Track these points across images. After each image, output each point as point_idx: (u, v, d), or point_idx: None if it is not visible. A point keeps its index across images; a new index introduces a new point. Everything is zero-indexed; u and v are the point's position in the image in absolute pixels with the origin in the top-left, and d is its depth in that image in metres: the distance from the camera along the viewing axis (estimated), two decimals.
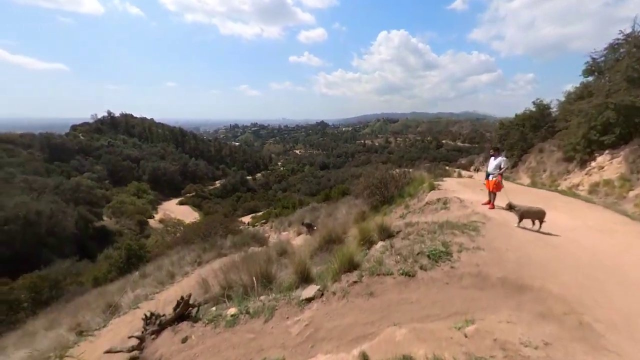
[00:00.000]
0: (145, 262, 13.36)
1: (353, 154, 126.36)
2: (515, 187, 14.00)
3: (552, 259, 2.94)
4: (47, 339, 5.25)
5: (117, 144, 63.49)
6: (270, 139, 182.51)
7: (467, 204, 7.13)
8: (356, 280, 2.92)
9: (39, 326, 7.33)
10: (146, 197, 48.51)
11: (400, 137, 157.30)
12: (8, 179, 30.44)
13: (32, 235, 22.34)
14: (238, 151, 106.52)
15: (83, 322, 5.62)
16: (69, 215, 26.80)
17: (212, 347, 2.79)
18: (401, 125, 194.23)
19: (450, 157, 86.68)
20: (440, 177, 16.17)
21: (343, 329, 2.35)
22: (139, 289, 7.91)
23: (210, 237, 14.15)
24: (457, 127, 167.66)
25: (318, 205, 23.96)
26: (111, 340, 4.37)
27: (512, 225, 4.63)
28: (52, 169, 42.83)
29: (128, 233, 32.41)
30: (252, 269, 4.47)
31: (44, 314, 9.59)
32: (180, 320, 3.43)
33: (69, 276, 15.58)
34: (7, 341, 7.28)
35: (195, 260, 10.34)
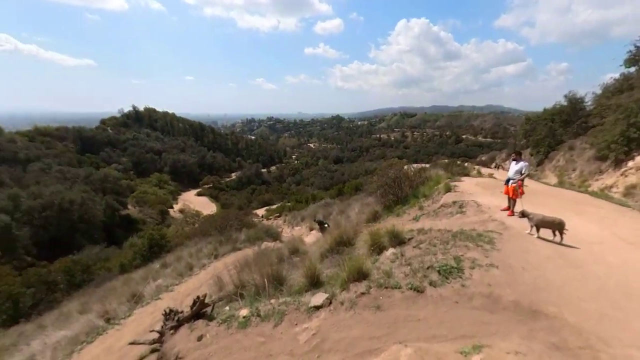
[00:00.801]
0: (166, 251, 14.10)
1: (368, 149, 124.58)
2: (540, 188, 13.26)
3: (571, 281, 2.79)
4: (79, 323, 5.77)
5: (141, 137, 66.58)
6: (285, 133, 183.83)
7: (484, 209, 6.88)
8: (364, 292, 2.95)
9: (73, 308, 8.03)
10: (167, 188, 50.83)
11: (418, 132, 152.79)
12: (45, 170, 32.98)
13: (66, 222, 24.22)
14: (254, 144, 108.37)
15: (110, 309, 6.10)
16: (97, 203, 28.71)
17: (225, 348, 2.95)
18: (419, 119, 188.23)
19: (470, 153, 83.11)
20: (458, 175, 15.63)
21: (349, 341, 2.39)
22: (160, 279, 8.42)
23: (226, 230, 14.68)
24: (479, 121, 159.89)
25: (331, 201, 24.03)
26: (135, 330, 4.73)
27: (531, 236, 4.42)
28: (83, 160, 45.81)
29: (150, 222, 34.28)
30: (263, 270, 4.62)
31: (77, 296, 10.46)
32: (196, 318, 3.64)
33: (99, 261, 16.82)
34: (46, 320, 8.05)
35: (212, 253, 10.79)
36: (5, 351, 5.95)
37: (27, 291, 12.04)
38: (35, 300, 11.82)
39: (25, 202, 22.66)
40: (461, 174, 17.74)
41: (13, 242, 19.73)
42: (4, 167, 30.59)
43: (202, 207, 44.10)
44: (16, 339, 6.81)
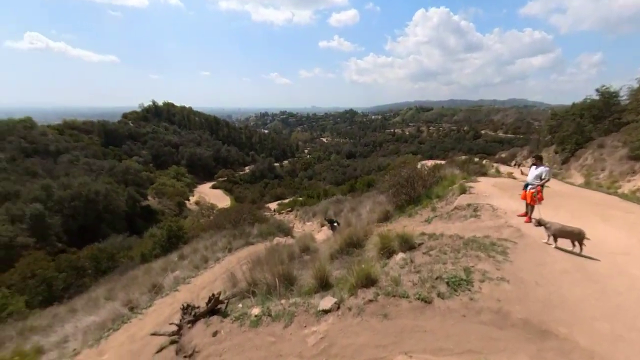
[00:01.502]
0: (183, 242, 14.74)
1: (381, 143, 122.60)
2: (564, 189, 12.63)
3: (588, 298, 2.69)
4: (106, 309, 6.24)
5: (160, 131, 69.01)
6: (298, 127, 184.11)
7: (500, 214, 6.68)
8: (372, 299, 3.00)
9: (100, 294, 8.65)
10: (184, 180, 52.70)
11: (434, 127, 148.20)
12: (73, 161, 35.06)
13: (92, 212, 25.80)
14: (267, 139, 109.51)
15: (133, 299, 6.54)
16: (120, 195, 30.30)
17: (238, 345, 3.12)
18: (435, 113, 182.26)
19: (488, 149, 79.70)
20: (474, 175, 15.14)
21: (356, 348, 2.47)
22: (178, 271, 8.87)
23: (240, 224, 15.11)
24: (500, 115, 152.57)
25: (342, 198, 24.04)
26: (156, 320, 5.07)
27: (547, 246, 4.27)
28: (107, 152, 48.22)
29: (169, 213, 35.81)
30: (274, 269, 4.78)
31: (103, 282, 11.22)
32: (211, 313, 3.85)
33: (122, 250, 17.87)
34: (77, 304, 8.73)
35: (226, 247, 11.18)
36: (43, 331, 6.55)
37: (59, 275, 13.04)
38: (66, 284, 12.78)
39: (56, 193, 24.30)
40: (478, 173, 17.13)
41: (46, 229, 21.32)
42: (38, 159, 32.83)
43: (217, 199, 45.43)
44: (51, 321, 7.47)
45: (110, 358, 4.16)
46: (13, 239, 18.17)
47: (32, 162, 31.48)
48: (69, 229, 23.68)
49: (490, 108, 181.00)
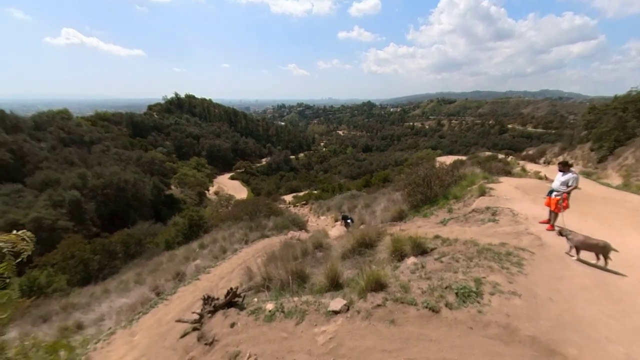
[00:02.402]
0: (203, 231, 15.54)
1: (399, 137, 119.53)
2: (597, 191, 11.78)
3: (605, 318, 2.60)
4: (135, 293, 6.86)
5: (182, 123, 71.72)
6: (314, 119, 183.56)
7: (520, 219, 6.45)
8: (380, 304, 3.10)
9: (130, 278, 9.45)
10: (204, 171, 54.77)
11: (456, 120, 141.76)
12: (105, 151, 37.54)
13: (122, 199, 27.70)
14: (283, 131, 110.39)
15: (160, 285, 7.11)
16: (147, 184, 32.17)
17: (253, 338, 3.37)
18: (458, 106, 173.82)
19: (515, 145, 75.12)
20: (496, 174, 14.52)
21: (362, 351, 2.60)
22: (199, 260, 9.46)
23: (256, 216, 15.63)
24: (531, 108, 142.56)
25: (357, 193, 23.98)
26: (179, 306, 5.53)
27: (568, 258, 4.10)
28: (135, 143, 51.02)
29: (190, 202, 37.61)
30: (288, 265, 5.00)
31: (132, 266, 12.19)
32: (229, 306, 4.15)
33: (148, 236, 19.15)
34: (110, 285, 9.60)
35: (243, 239, 11.68)
36: (82, 309, 7.33)
37: (94, 257, 14.28)
38: (101, 266, 13.98)
39: (91, 181, 26.29)
40: (501, 172, 16.37)
41: (83, 214, 23.26)
42: (74, 149, 35.49)
43: (235, 190, 46.95)
44: (89, 299, 8.30)
45: (141, 339, 4.62)
46: (55, 223, 20.06)
47: (70, 151, 34.11)
48: (102, 215, 25.66)
49: (519, 100, 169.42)
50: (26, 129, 35.21)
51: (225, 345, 3.43)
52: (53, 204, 21.72)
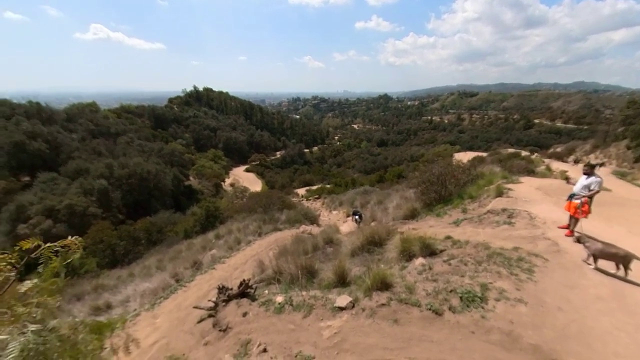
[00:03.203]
0: (219, 222, 16.17)
1: (416, 132, 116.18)
2: (630, 194, 11.03)
3: (616, 331, 2.53)
4: (157, 279, 7.38)
5: (200, 115, 73.74)
6: (329, 113, 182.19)
7: (538, 223, 6.23)
8: (385, 303, 3.20)
9: (152, 264, 10.11)
10: (220, 163, 56.33)
11: (478, 114, 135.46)
12: (129, 143, 39.53)
13: (144, 189, 29.25)
14: (298, 124, 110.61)
15: (179, 272, 7.59)
16: (167, 174, 33.67)
17: (264, 327, 3.59)
18: (481, 99, 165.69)
19: (542, 142, 70.76)
20: (517, 174, 13.93)
21: (365, 347, 2.73)
22: (215, 250, 9.93)
23: (269, 209, 16.02)
24: (561, 102, 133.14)
25: (370, 189, 23.82)
26: (197, 293, 5.91)
27: (586, 266, 3.96)
28: (156, 135, 53.25)
29: (207, 193, 39.02)
30: (298, 260, 5.19)
31: (154, 252, 12.98)
32: (242, 296, 4.42)
33: (168, 225, 20.21)
34: (134, 269, 10.33)
35: (256, 231, 12.07)
36: (110, 290, 7.99)
37: (120, 243, 15.33)
38: (126, 251, 14.99)
39: (117, 171, 27.92)
40: (523, 171, 15.64)
41: (110, 202, 24.86)
42: (102, 140, 37.65)
43: (250, 183, 48.03)
44: (116, 281, 9.01)
45: (162, 322, 5.03)
46: (86, 209, 21.63)
47: (98, 142, 36.26)
48: (127, 203, 27.28)
49: (549, 93, 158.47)
50: (59, 120, 37.73)
51: (237, 333, 3.69)
52: (84, 192, 23.37)
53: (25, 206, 19.76)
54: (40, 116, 34.94)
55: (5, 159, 26.57)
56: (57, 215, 20.07)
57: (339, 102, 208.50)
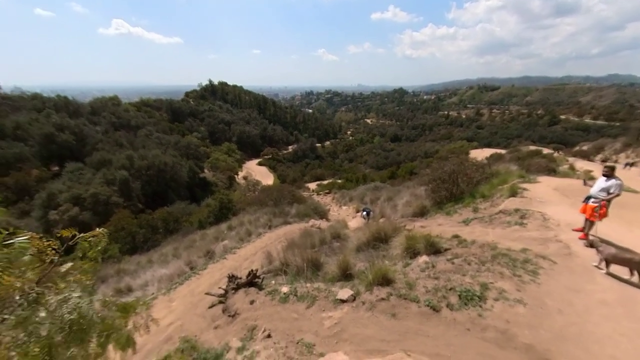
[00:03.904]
0: (232, 213, 16.69)
1: (431, 127, 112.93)
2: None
3: (617, 337, 2.49)
4: (173, 266, 7.84)
5: (215, 109, 75.19)
6: (342, 107, 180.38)
7: (551, 225, 6.06)
8: (384, 298, 3.30)
9: (169, 252, 10.68)
10: (234, 156, 57.52)
11: (498, 109, 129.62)
12: (148, 136, 41.12)
13: (162, 180, 30.50)
14: (310, 119, 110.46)
15: (193, 260, 8.02)
16: (183, 167, 34.87)
17: (269, 315, 3.80)
18: (502, 93, 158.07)
19: (567, 139, 66.76)
20: (536, 173, 13.42)
21: (363, 338, 2.86)
22: (227, 241, 10.34)
23: (280, 202, 16.34)
24: (592, 96, 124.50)
25: (381, 185, 23.67)
26: (209, 281, 6.26)
27: (596, 271, 3.86)
28: (173, 128, 54.97)
29: (221, 185, 40.12)
30: (304, 253, 5.37)
31: (171, 241, 13.65)
32: (250, 285, 4.66)
33: (184, 215, 21.07)
34: (152, 256, 10.96)
35: (267, 224, 12.40)
36: (131, 274, 8.56)
37: (140, 231, 16.20)
38: (145, 238, 15.84)
39: (136, 162, 29.23)
40: (543, 170, 15.02)
41: (130, 192, 26.18)
42: (123, 132, 39.39)
43: (262, 176, 48.83)
44: (136, 267, 9.63)
45: (177, 305, 5.39)
46: (109, 198, 22.92)
47: (119, 134, 37.99)
48: (146, 193, 28.62)
49: (578, 87, 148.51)
50: (85, 113, 39.76)
51: (245, 319, 3.93)
52: (107, 182, 24.72)
53: (55, 194, 21.23)
54: (67, 109, 36.98)
55: (37, 149, 28.49)
56: (84, 203, 21.42)
57: (353, 96, 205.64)
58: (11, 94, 41.00)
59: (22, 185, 23.85)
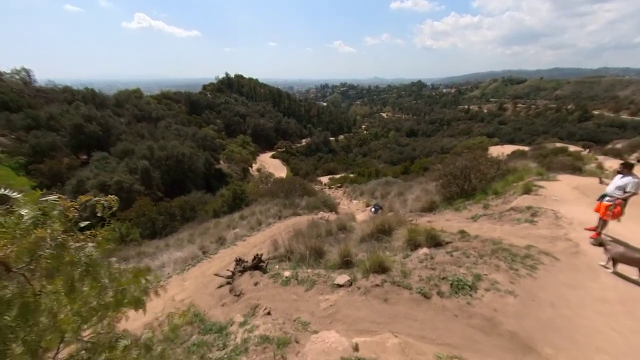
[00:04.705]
0: (245, 204, 17.25)
1: (450, 122, 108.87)
2: None
3: (609, 332, 2.47)
4: (188, 249, 8.35)
5: (231, 102, 76.55)
6: (357, 100, 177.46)
7: (563, 223, 5.89)
8: (378, 284, 3.44)
9: (184, 237, 11.32)
10: (248, 149, 58.63)
11: (523, 103, 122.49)
12: (167, 127, 42.75)
13: (180, 170, 31.82)
14: (324, 112, 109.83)
15: (206, 245, 8.49)
16: (200, 158, 36.12)
17: (271, 296, 4.06)
18: (529, 86, 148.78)
19: (599, 136, 62.28)
20: (559, 170, 12.83)
21: (354, 319, 3.02)
22: (238, 229, 10.80)
23: (291, 195, 16.67)
24: (631, 90, 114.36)
25: (393, 180, 23.41)
26: (219, 264, 6.65)
27: (601, 270, 3.77)
28: (191, 120, 56.70)
29: (235, 176, 41.23)
30: (308, 242, 5.57)
31: (186, 228, 14.38)
32: (255, 268, 4.95)
33: (200, 204, 22.00)
34: (170, 241, 11.66)
35: (277, 214, 12.75)
36: (150, 256, 9.21)
37: (159, 217, 17.16)
38: (164, 225, 16.76)
39: (157, 152, 30.63)
40: (567, 168, 14.30)
41: (151, 180, 27.58)
42: (144, 124, 41.21)
43: (275, 169, 49.59)
44: (155, 250, 10.31)
45: (190, 285, 5.81)
46: (132, 186, 24.33)
47: (141, 126, 39.82)
48: (165, 182, 30.05)
49: (615, 79, 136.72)
50: (110, 105, 41.90)
51: (248, 298, 4.21)
52: (130, 171, 26.17)
53: (84, 180, 22.82)
54: (94, 101, 39.13)
55: (67, 139, 30.54)
56: (109, 190, 22.86)
57: (369, 89, 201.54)
58: (45, 87, 43.93)
59: (55, 172, 25.80)
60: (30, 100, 35.99)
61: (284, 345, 2.61)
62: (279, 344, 2.63)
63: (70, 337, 1.40)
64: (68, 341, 1.44)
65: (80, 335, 1.44)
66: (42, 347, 1.22)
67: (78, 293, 1.05)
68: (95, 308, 1.45)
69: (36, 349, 1.14)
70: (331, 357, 2.24)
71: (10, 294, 0.98)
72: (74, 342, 1.48)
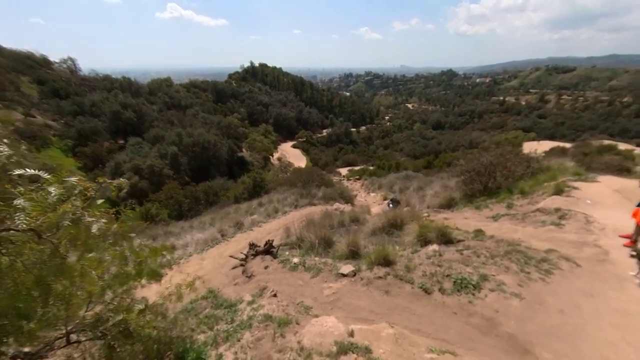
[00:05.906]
0: (264, 192, 17.85)
1: (482, 114, 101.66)
2: None
3: (621, 344, 2.30)
4: (209, 232, 8.94)
5: (255, 91, 77.77)
6: (382, 90, 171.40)
7: (594, 228, 5.45)
8: (381, 276, 3.49)
9: (206, 220, 12.06)
10: (270, 138, 59.68)
11: (569, 95, 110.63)
12: (195, 115, 44.72)
13: (205, 157, 33.42)
14: (347, 102, 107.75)
15: (224, 229, 9.01)
16: (224, 145, 37.55)
17: (279, 279, 4.29)
18: (578, 75, 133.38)
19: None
20: (601, 170, 11.71)
21: (354, 308, 3.13)
22: (256, 215, 11.27)
23: (308, 185, 16.91)
24: None
25: (413, 174, 22.72)
26: (235, 247, 7.07)
27: (631, 280, 3.48)
28: (216, 108, 58.69)
29: (257, 164, 42.46)
30: (319, 232, 5.72)
31: (209, 212, 15.25)
32: (266, 253, 5.21)
33: (222, 190, 23.11)
34: (194, 223, 12.49)
35: (293, 203, 13.07)
36: (175, 236, 9.98)
37: (185, 200, 18.34)
38: (189, 207, 17.92)
39: (184, 139, 32.34)
40: (612, 169, 12.95)
41: (179, 165, 29.34)
42: (174, 111, 43.45)
43: (295, 158, 50.21)
44: (180, 230, 11.13)
45: (208, 264, 6.28)
46: (162, 170, 26.13)
47: (171, 113, 42.09)
48: (191, 168, 31.82)
49: None
50: (143, 94, 44.59)
51: (258, 280, 4.49)
52: (160, 156, 28.01)
53: (121, 163, 24.88)
54: (130, 89, 41.85)
55: (107, 124, 33.21)
56: (142, 173, 24.76)
57: (394, 78, 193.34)
58: (88, 75, 47.71)
59: (97, 155, 28.36)
60: (76, 88, 39.42)
61: (284, 325, 2.80)
62: (280, 323, 2.82)
63: (96, 299, 1.66)
64: (95, 301, 1.70)
65: (103, 299, 1.69)
66: (73, 302, 1.47)
67: (95, 260, 1.26)
68: (116, 275, 1.69)
69: (69, 300, 1.38)
70: (326, 339, 2.37)
71: (46, 256, 1.19)
72: (99, 304, 1.74)
